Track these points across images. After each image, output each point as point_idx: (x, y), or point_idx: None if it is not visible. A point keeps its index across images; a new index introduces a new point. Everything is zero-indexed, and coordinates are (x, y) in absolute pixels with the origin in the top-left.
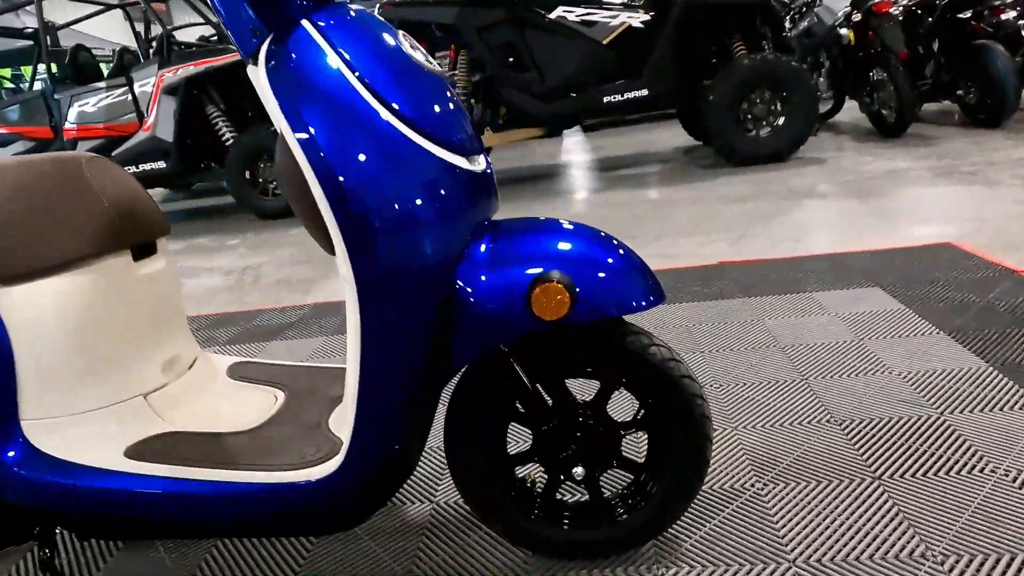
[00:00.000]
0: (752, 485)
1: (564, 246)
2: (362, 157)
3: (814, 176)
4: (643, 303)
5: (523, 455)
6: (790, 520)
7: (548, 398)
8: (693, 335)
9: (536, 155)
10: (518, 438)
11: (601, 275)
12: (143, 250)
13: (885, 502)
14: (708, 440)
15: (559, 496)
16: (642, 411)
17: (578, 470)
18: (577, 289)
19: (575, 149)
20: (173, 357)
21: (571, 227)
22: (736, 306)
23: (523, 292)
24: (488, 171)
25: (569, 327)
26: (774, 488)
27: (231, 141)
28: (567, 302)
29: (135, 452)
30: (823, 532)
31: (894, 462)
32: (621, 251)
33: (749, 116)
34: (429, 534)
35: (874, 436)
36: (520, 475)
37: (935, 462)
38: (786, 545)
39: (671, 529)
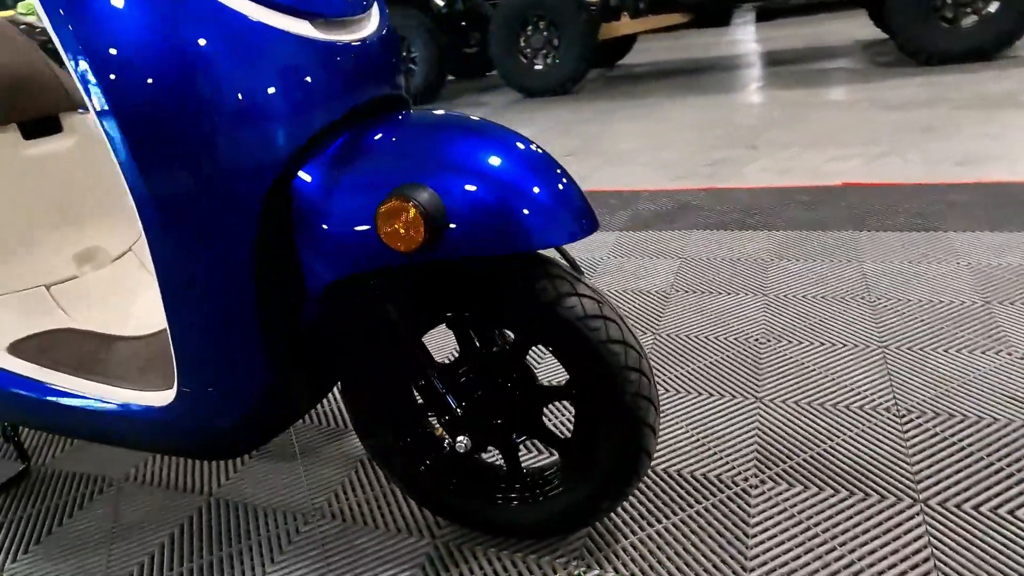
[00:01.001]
0: (745, 479)
1: (450, 155)
2: (126, 20)
3: (1022, 81)
4: (546, 238)
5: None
6: (773, 535)
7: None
8: (765, 272)
9: (694, 47)
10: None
11: (490, 198)
12: (38, 127)
13: (917, 538)
14: (646, 427)
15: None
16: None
17: (462, 439)
18: (446, 213)
19: (742, 40)
20: (92, 248)
21: (477, 129)
22: (836, 241)
23: (372, 213)
24: (366, 41)
25: (460, 260)
26: (772, 489)
27: None
28: (422, 230)
29: (17, 348)
30: (810, 562)
31: (956, 483)
32: (535, 167)
33: (948, 1)
34: (361, 467)
35: (942, 440)
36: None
37: (1020, 496)
38: (751, 572)
39: (614, 516)
